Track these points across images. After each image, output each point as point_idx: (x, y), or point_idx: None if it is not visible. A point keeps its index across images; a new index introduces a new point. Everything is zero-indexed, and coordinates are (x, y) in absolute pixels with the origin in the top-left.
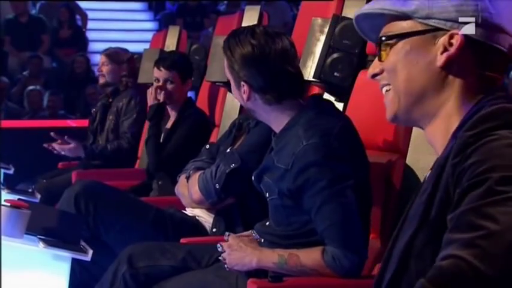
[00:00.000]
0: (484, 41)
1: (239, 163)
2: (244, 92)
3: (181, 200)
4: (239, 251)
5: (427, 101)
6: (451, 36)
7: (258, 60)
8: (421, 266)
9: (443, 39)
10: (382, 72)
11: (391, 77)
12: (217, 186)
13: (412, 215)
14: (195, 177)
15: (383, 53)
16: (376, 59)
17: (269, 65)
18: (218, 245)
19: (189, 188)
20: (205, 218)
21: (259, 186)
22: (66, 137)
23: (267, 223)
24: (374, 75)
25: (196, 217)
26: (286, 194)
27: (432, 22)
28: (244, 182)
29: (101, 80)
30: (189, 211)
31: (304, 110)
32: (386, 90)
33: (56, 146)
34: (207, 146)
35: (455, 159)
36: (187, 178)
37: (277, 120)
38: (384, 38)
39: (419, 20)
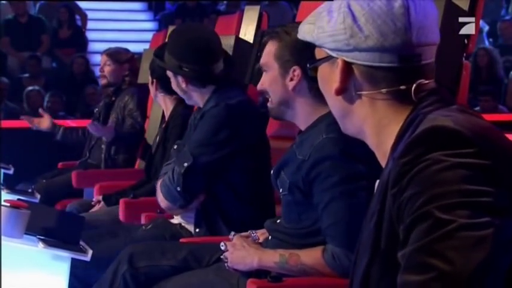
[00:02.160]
0: (366, 64)
1: (191, 161)
2: (291, 79)
3: None
4: (241, 251)
5: (349, 121)
6: (338, 64)
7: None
8: None
9: (336, 67)
10: None
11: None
12: (178, 189)
13: (364, 241)
14: (158, 185)
15: None
16: None
17: None
18: (222, 244)
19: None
20: (186, 221)
21: (276, 182)
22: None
23: (278, 221)
24: None
25: (182, 224)
26: (299, 187)
27: (325, 50)
28: (203, 177)
29: (103, 81)
30: (174, 219)
31: None
32: None
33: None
34: (175, 146)
35: (393, 190)
36: None
37: (308, 116)
38: (308, 65)
39: (321, 48)
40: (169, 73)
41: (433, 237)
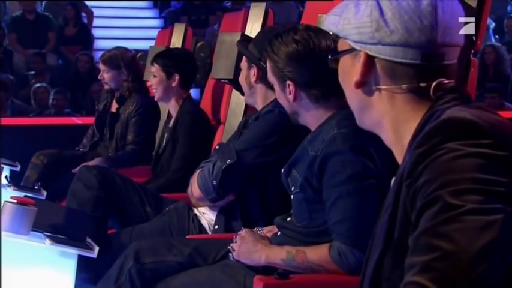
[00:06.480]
0: (389, 58)
1: (235, 159)
2: (290, 93)
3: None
4: (250, 245)
5: (367, 115)
6: (361, 56)
7: (303, 55)
8: None
9: (358, 60)
10: None
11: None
12: (214, 182)
13: (378, 233)
14: (195, 174)
15: None
16: None
17: (314, 59)
18: (234, 238)
19: (190, 186)
20: (210, 215)
21: (286, 180)
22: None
23: (288, 218)
24: None
25: (203, 214)
26: (311, 184)
27: (349, 42)
28: (242, 177)
29: (106, 87)
30: (197, 210)
31: (344, 108)
32: None
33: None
34: (217, 147)
35: (408, 180)
36: None
37: (318, 119)
38: (329, 56)
39: (345, 40)
40: (243, 64)
41: (440, 220)
